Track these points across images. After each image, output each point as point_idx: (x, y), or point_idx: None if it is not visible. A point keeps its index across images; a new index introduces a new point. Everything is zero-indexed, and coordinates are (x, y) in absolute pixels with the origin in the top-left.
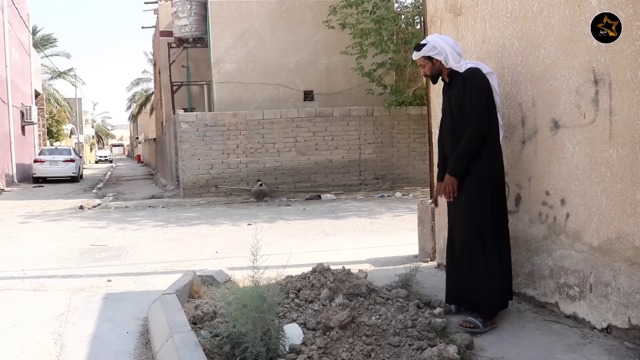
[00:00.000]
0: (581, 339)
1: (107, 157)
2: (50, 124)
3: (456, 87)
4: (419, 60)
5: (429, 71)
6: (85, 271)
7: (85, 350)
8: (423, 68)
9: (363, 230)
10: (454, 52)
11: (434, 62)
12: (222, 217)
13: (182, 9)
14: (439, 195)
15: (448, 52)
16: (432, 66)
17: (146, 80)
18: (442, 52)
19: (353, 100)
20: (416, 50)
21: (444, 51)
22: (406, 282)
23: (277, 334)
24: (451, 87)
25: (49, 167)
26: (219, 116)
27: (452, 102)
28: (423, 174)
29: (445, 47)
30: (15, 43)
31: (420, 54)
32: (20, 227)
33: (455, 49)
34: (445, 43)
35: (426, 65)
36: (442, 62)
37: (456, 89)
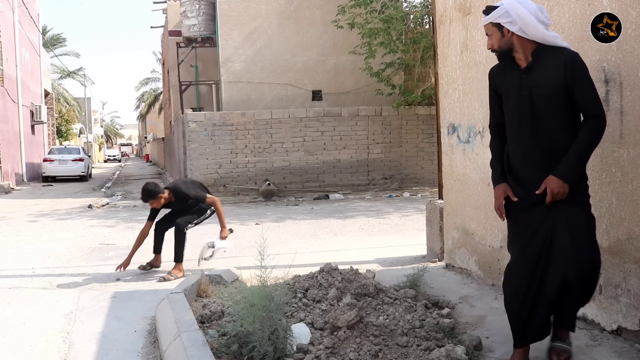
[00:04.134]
0: (591, 341)
1: (115, 157)
2: (59, 123)
3: (549, 71)
4: (486, 27)
5: (495, 44)
6: (93, 270)
7: (94, 348)
8: (490, 38)
9: (371, 230)
10: (535, 21)
11: (504, 32)
12: (230, 216)
13: (191, 8)
14: (501, 202)
15: (527, 20)
16: (501, 38)
17: (155, 79)
18: (516, 20)
19: (361, 100)
20: (485, 13)
21: (520, 19)
22: (414, 282)
23: (285, 334)
24: (534, 70)
25: (58, 166)
26: (227, 116)
27: (536, 92)
28: (431, 174)
29: (523, 14)
30: (25, 43)
31: (487, 19)
32: (30, 225)
33: (537, 16)
34: (525, 8)
35: (493, 35)
36: (516, 35)
37: (547, 73)
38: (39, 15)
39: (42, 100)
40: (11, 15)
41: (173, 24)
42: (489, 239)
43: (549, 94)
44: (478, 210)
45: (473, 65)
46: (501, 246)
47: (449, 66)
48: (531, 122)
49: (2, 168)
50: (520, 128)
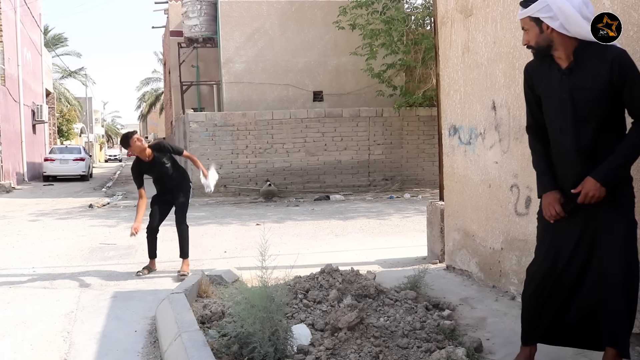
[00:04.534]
0: None
1: (116, 156)
2: (60, 122)
3: (593, 72)
4: (523, 21)
5: (532, 40)
6: (94, 269)
7: (94, 348)
8: (526, 33)
9: (372, 231)
10: (580, 17)
11: (543, 28)
12: (230, 216)
13: (192, 9)
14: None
15: (570, 15)
16: (539, 34)
17: (156, 79)
18: (558, 15)
19: (362, 101)
20: (523, 5)
21: (562, 14)
22: (415, 284)
23: (285, 335)
24: (576, 71)
25: (59, 166)
26: (228, 116)
27: (579, 96)
28: (432, 175)
29: (565, 9)
30: (27, 42)
31: (525, 12)
32: (31, 225)
33: (582, 12)
34: (569, 2)
35: (531, 30)
36: (557, 32)
37: (592, 75)
38: (40, 15)
39: (44, 100)
40: (13, 15)
41: (174, 24)
42: (490, 240)
43: (594, 97)
44: (479, 212)
45: (474, 67)
46: (502, 248)
47: (450, 67)
48: (573, 126)
49: (3, 167)
50: (561, 132)
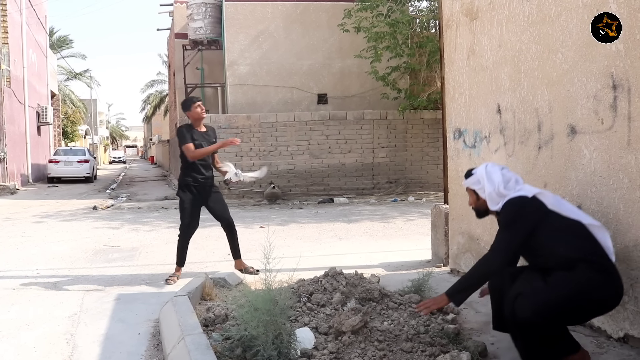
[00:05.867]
0: (597, 348)
1: (120, 158)
2: (65, 124)
3: None
4: (467, 188)
5: (473, 204)
6: (98, 271)
7: (97, 350)
8: (470, 197)
9: (376, 234)
10: (494, 194)
11: (479, 197)
12: (235, 219)
13: (197, 11)
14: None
15: (488, 192)
16: (477, 201)
17: (160, 82)
18: (484, 189)
19: (367, 104)
20: (465, 177)
21: (485, 190)
22: (419, 287)
23: (289, 338)
24: None
25: (64, 168)
26: (233, 118)
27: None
28: (436, 178)
29: (486, 187)
30: (33, 44)
31: (464, 183)
32: (35, 226)
33: (498, 190)
34: (488, 181)
35: (471, 196)
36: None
37: None
38: (46, 17)
39: (49, 102)
40: (19, 17)
41: (179, 26)
42: None
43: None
44: None
45: (480, 70)
46: None
47: (455, 71)
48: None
49: (8, 169)
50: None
